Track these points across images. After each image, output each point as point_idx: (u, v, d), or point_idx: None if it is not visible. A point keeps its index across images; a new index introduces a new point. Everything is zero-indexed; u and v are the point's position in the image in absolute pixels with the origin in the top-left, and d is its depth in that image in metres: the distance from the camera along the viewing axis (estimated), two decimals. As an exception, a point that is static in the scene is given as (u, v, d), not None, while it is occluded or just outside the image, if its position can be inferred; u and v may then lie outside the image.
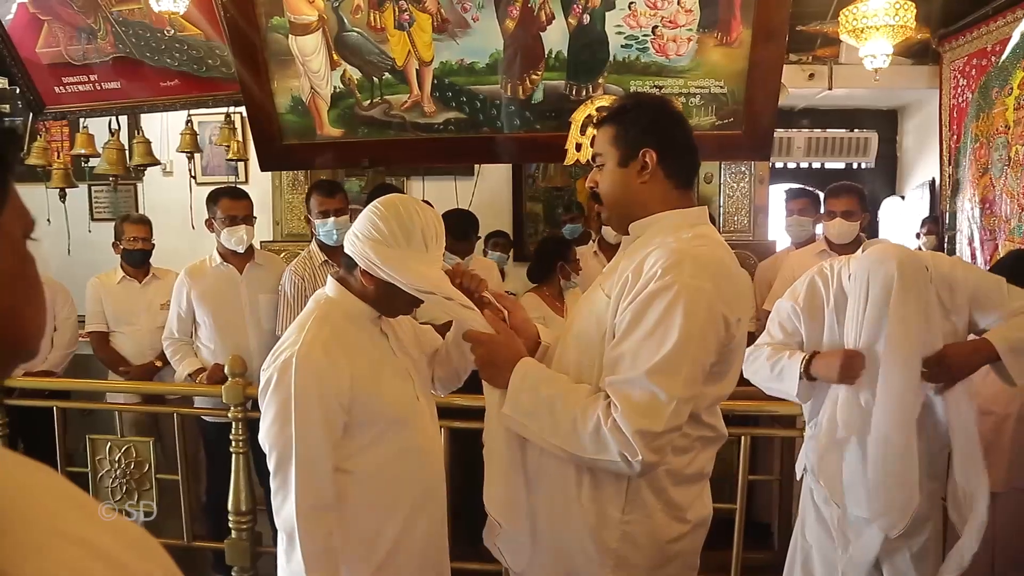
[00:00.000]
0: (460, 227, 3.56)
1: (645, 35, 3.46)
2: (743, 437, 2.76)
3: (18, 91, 4.45)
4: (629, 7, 3.42)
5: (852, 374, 2.11)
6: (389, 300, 1.64)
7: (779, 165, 6.62)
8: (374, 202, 1.62)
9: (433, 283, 1.57)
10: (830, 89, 5.66)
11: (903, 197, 6.66)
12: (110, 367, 3.79)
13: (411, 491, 1.70)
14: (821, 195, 3.87)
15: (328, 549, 1.59)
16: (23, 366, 0.70)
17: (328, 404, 1.58)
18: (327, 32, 3.63)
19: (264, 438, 1.60)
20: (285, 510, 1.57)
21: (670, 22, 3.42)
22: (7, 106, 4.50)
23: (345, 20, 3.60)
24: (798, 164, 6.78)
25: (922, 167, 6.37)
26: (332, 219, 3.19)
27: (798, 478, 2.45)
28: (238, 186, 3.94)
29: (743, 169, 4.67)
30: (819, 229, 3.88)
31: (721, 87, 3.52)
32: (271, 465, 1.59)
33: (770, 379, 2.28)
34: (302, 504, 1.55)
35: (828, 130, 6.59)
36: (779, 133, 5.91)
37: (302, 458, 1.55)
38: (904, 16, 3.76)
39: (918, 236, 5.78)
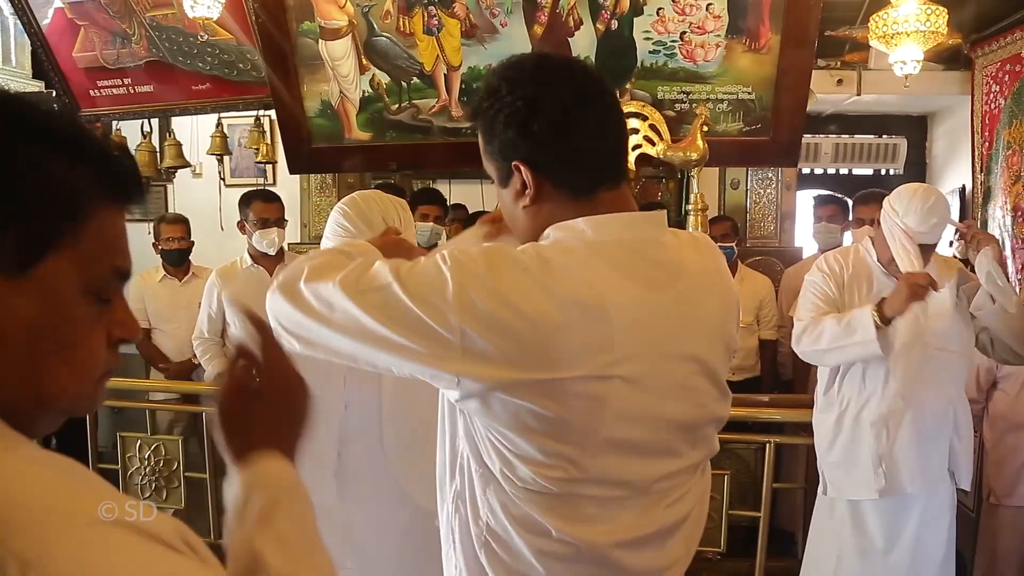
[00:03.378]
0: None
1: (673, 41, 3.46)
2: (768, 444, 2.75)
3: (54, 94, 4.54)
4: (657, 13, 3.42)
5: (921, 290, 2.15)
6: None
7: (806, 171, 6.55)
8: (338, 203, 1.72)
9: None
10: (859, 95, 5.60)
11: (932, 204, 6.56)
12: (151, 363, 3.86)
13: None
14: (850, 202, 3.84)
15: None
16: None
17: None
18: (357, 37, 3.66)
19: None
20: None
21: (698, 28, 3.42)
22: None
23: (375, 25, 3.63)
24: (825, 170, 6.71)
25: (952, 174, 6.28)
26: (431, 224, 3.46)
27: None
28: (270, 189, 3.99)
29: (770, 175, 4.65)
30: (847, 236, 3.85)
31: (749, 93, 3.51)
32: None
33: (838, 337, 2.29)
34: None
35: (856, 136, 6.52)
36: (806, 139, 5.83)
37: None
38: (936, 22, 3.71)
39: (951, 244, 5.69)
